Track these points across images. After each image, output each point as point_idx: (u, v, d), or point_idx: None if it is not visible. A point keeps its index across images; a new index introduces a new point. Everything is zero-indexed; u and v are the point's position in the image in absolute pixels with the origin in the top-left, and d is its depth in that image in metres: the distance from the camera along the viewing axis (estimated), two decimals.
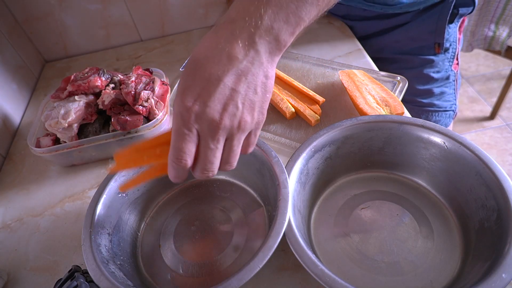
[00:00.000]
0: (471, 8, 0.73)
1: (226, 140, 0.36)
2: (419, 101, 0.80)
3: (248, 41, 0.34)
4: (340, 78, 0.64)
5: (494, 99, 1.77)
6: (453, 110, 0.82)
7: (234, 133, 0.36)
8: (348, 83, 0.62)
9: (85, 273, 0.42)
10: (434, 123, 0.47)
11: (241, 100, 0.34)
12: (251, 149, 0.39)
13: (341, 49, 0.78)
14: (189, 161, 0.35)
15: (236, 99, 0.34)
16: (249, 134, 0.37)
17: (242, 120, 0.35)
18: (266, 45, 0.34)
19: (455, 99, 0.82)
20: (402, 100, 0.62)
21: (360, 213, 0.48)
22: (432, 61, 0.77)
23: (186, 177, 0.38)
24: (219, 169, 0.37)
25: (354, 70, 0.65)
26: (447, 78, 0.79)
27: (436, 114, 0.81)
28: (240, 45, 0.33)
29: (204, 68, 0.34)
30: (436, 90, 0.79)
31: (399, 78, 0.64)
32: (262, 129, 0.60)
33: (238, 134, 0.36)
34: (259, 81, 0.35)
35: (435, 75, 0.78)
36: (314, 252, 0.43)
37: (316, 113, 0.60)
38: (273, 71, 0.36)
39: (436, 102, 0.80)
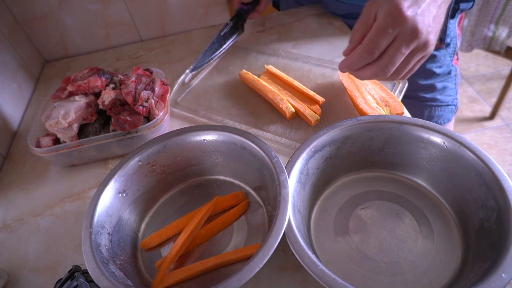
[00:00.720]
0: (471, 4, 0.74)
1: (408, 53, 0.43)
2: (422, 96, 0.80)
3: None
4: (340, 78, 0.64)
5: (494, 99, 1.78)
6: (455, 105, 0.83)
7: (418, 49, 0.43)
8: (348, 83, 0.62)
9: (85, 273, 0.42)
10: (434, 123, 0.47)
11: (432, 21, 0.42)
12: (409, 75, 0.47)
13: (341, 49, 0.76)
14: (376, 56, 0.43)
15: (431, 20, 0.42)
16: (418, 60, 0.45)
17: (429, 40, 0.42)
18: None
19: (456, 94, 0.83)
20: (405, 96, 0.62)
21: (360, 213, 0.48)
22: (434, 56, 0.77)
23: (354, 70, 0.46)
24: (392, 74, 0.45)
25: None
26: (449, 73, 0.80)
27: (439, 108, 0.81)
28: None
29: None
30: (439, 85, 0.79)
31: None
32: (262, 129, 0.60)
33: (419, 52, 0.43)
34: (438, 19, 0.44)
35: (438, 70, 0.78)
36: (314, 252, 0.43)
37: (316, 113, 0.60)
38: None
39: (439, 96, 0.80)
